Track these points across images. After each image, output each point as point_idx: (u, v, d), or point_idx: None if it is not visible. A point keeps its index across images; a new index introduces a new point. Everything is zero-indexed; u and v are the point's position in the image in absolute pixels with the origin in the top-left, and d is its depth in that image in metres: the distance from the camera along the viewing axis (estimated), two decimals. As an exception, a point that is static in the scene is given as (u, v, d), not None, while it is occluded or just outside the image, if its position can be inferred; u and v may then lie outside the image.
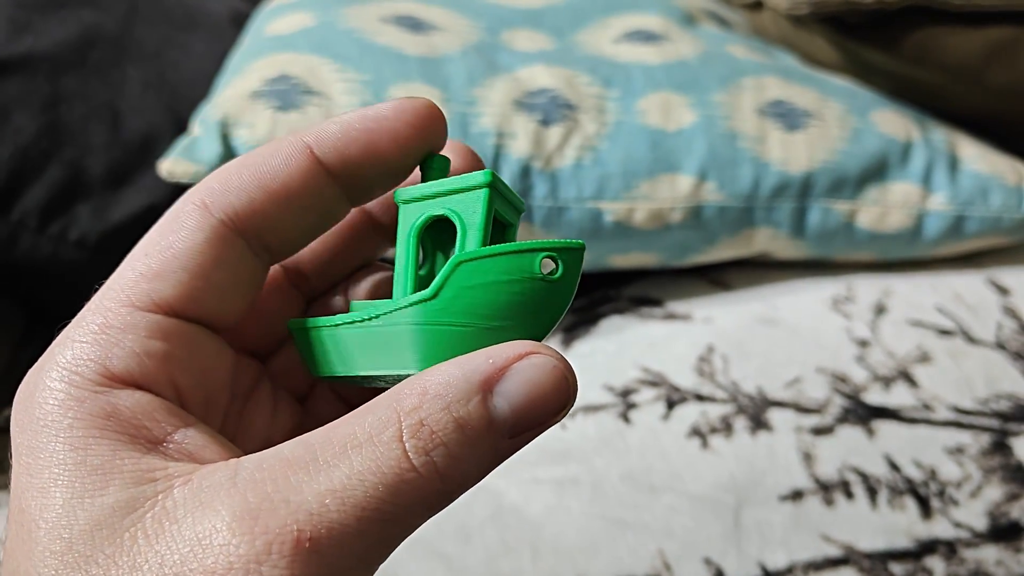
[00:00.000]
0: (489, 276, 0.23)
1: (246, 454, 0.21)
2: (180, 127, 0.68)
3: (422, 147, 0.26)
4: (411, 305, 0.24)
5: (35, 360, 0.23)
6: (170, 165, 0.61)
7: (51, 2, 0.73)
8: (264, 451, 0.21)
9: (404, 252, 0.25)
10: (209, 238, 0.23)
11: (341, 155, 0.25)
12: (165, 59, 0.74)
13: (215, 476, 0.20)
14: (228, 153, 0.61)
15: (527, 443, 0.22)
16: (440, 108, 0.26)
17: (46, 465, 0.20)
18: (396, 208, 0.27)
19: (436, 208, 0.25)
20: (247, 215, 0.24)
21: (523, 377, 0.21)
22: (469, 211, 0.25)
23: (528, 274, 0.23)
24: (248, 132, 0.62)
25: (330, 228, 0.26)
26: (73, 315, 0.23)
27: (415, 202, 0.25)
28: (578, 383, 0.22)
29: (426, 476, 0.20)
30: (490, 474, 0.29)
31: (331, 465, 0.20)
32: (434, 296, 0.23)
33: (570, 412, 0.20)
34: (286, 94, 0.63)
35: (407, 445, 0.20)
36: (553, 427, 0.23)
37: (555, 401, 0.21)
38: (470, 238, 0.24)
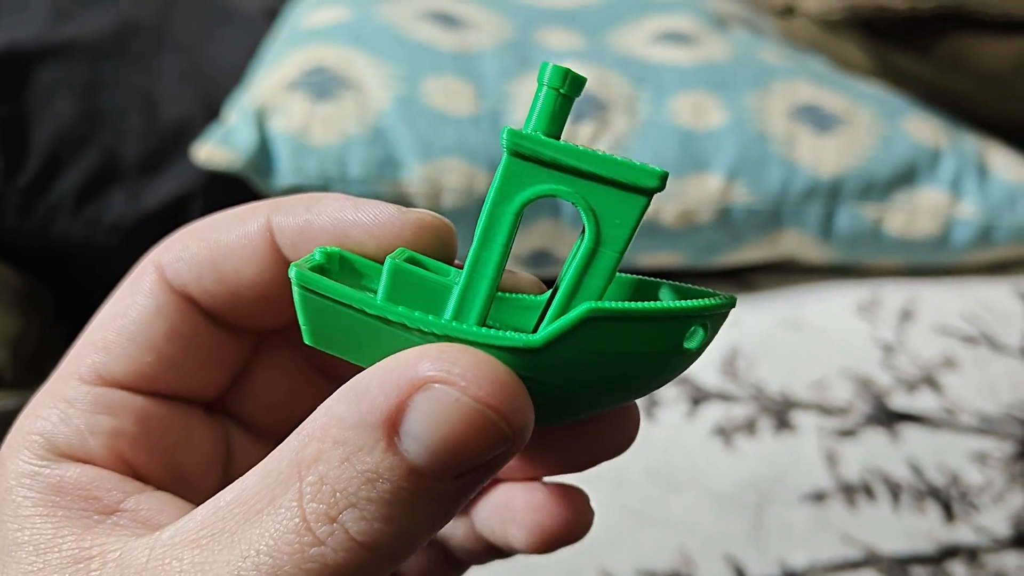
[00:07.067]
0: (624, 344, 0.17)
1: None
2: (212, 117, 0.69)
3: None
4: (500, 348, 0.17)
5: (66, 342, 0.22)
6: (208, 152, 0.61)
7: (92, -9, 0.74)
8: (189, 514, 0.18)
9: (495, 227, 0.18)
10: (161, 307, 0.21)
11: (298, 254, 0.20)
12: (200, 51, 0.75)
13: (135, 553, 0.18)
14: (264, 141, 0.62)
15: (486, 478, 0.17)
16: (450, 227, 0.20)
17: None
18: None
19: (563, 186, 0.17)
20: (197, 293, 0.21)
21: (423, 414, 0.16)
22: (611, 216, 0.17)
23: (673, 347, 0.18)
24: (284, 121, 0.62)
25: None
26: (103, 300, 0.22)
27: (530, 160, 0.17)
28: (525, 408, 0.16)
29: (338, 549, 0.16)
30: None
31: (231, 539, 0.16)
32: (541, 348, 0.17)
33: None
34: (322, 85, 0.64)
35: (307, 510, 0.16)
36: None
37: (477, 442, 0.16)
38: (600, 261, 0.18)
